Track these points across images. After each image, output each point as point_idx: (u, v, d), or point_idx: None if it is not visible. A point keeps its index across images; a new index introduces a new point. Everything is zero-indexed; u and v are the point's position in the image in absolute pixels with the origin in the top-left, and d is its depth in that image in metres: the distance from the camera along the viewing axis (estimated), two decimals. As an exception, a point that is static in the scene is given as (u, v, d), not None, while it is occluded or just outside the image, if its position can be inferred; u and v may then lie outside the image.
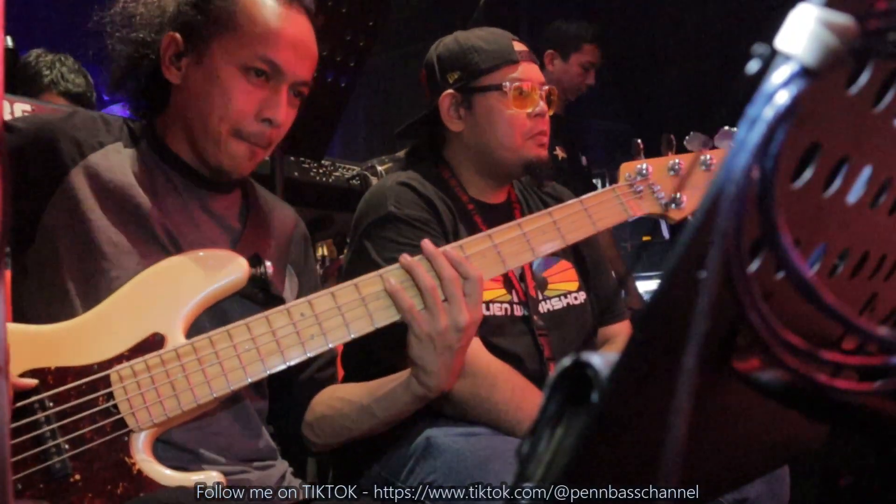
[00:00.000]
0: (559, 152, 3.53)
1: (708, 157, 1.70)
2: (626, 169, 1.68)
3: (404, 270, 1.38)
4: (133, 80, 1.46)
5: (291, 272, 1.57)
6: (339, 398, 1.53)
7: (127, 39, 1.43)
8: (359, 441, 1.60)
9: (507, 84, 1.82)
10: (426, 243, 1.40)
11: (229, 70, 1.38)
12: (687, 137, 1.68)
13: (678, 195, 1.67)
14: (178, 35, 1.41)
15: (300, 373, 1.55)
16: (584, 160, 3.66)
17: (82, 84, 2.84)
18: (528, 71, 1.86)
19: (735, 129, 1.62)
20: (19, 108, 2.03)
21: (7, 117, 1.95)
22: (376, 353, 1.66)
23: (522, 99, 1.83)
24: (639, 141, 1.72)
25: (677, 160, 1.70)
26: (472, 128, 1.87)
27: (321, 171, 2.61)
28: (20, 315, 1.31)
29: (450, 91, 1.87)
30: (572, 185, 2.77)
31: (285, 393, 1.55)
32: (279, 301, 1.41)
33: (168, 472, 1.25)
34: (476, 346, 1.67)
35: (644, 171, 1.67)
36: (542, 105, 1.85)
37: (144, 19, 1.42)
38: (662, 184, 1.68)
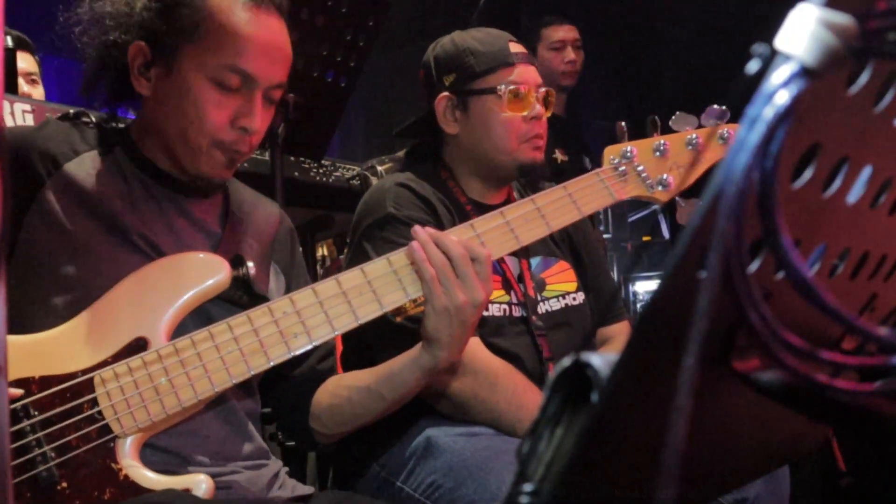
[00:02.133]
0: (559, 155, 3.50)
1: (694, 136, 1.69)
2: (610, 152, 1.67)
3: (406, 255, 1.38)
4: (104, 83, 1.44)
5: (277, 270, 1.55)
6: (345, 386, 1.53)
7: (97, 43, 1.40)
8: (359, 441, 1.60)
9: (502, 87, 1.81)
10: (423, 229, 1.39)
11: (200, 82, 1.34)
12: (673, 118, 1.67)
13: (664, 176, 1.66)
14: (144, 44, 1.37)
15: (300, 365, 1.54)
16: (587, 162, 3.62)
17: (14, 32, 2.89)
18: (525, 73, 1.84)
19: (723, 107, 1.63)
20: (19, 108, 2.03)
21: (7, 118, 1.95)
22: (375, 355, 1.66)
23: (517, 102, 1.82)
24: (622, 123, 1.71)
25: (663, 141, 1.68)
26: (468, 130, 1.86)
27: (321, 171, 2.61)
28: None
29: (445, 93, 1.87)
30: None
31: (287, 388, 1.54)
32: (263, 301, 1.39)
33: (155, 476, 1.24)
34: (476, 345, 1.67)
35: (628, 154, 1.66)
36: (539, 108, 1.83)
37: (113, 19, 1.38)
38: (647, 165, 1.67)
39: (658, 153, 1.67)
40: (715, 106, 1.64)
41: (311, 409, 1.54)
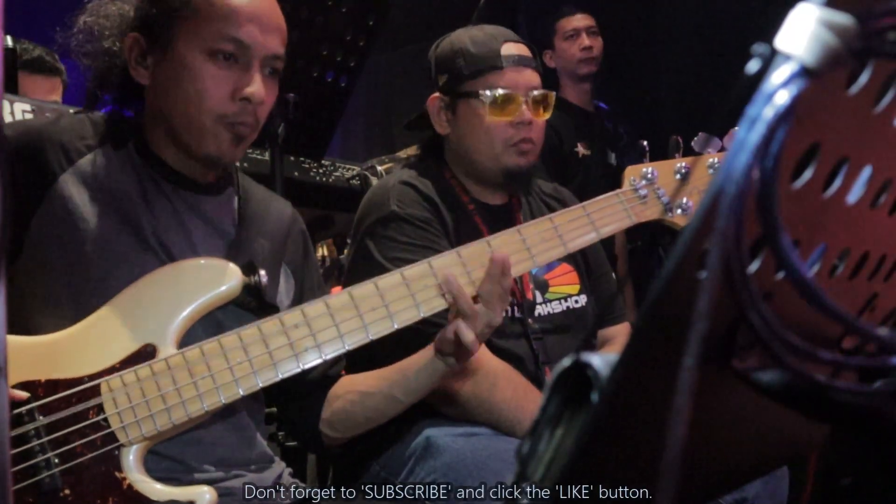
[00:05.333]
0: (581, 149, 3.45)
1: (715, 160, 1.65)
2: (631, 173, 1.64)
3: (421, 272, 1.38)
4: (108, 91, 1.44)
5: (287, 271, 1.54)
6: (356, 392, 1.52)
7: (93, 53, 1.40)
8: (359, 441, 1.60)
9: (487, 93, 1.78)
10: (452, 280, 1.38)
11: (195, 57, 1.34)
12: (695, 139, 1.62)
13: (684, 200, 1.64)
14: (138, 34, 1.38)
15: (311, 371, 1.53)
16: (612, 157, 3.55)
17: (37, 50, 2.84)
18: (514, 77, 1.80)
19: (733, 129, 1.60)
20: (19, 108, 2.02)
21: (7, 117, 1.95)
22: (377, 351, 1.66)
23: (502, 107, 1.78)
24: (644, 143, 1.68)
25: (684, 163, 1.65)
26: (456, 132, 1.86)
27: (321, 171, 2.60)
28: (8, 326, 1.28)
29: (437, 94, 1.86)
30: (595, 185, 2.71)
31: (297, 392, 1.53)
32: (273, 309, 1.38)
33: (159, 486, 1.23)
34: (476, 345, 1.66)
35: (650, 176, 1.63)
36: (527, 114, 1.79)
37: (106, 29, 1.40)
38: (669, 188, 1.64)
39: (679, 176, 1.64)
40: (737, 129, 1.59)
41: (323, 414, 1.53)
